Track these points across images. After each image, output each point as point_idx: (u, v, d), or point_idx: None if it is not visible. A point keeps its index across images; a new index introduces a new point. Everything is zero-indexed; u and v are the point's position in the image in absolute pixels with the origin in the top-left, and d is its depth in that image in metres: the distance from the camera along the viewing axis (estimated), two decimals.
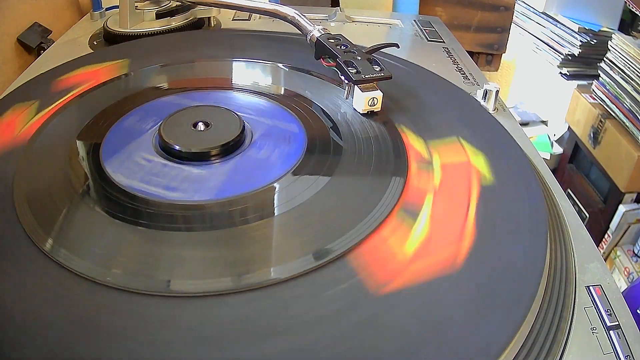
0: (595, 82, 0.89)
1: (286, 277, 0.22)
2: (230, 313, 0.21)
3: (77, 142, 0.31)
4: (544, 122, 1.07)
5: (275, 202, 0.27)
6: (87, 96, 0.36)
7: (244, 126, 0.31)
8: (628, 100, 0.80)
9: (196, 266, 0.23)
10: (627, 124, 0.80)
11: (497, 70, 0.77)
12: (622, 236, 0.84)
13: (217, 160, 0.30)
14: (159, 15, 0.50)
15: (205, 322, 0.21)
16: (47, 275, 0.22)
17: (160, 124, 0.31)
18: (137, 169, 0.29)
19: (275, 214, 0.26)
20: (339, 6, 0.65)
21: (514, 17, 0.74)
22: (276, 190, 0.28)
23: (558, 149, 1.01)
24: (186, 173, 0.29)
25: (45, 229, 0.25)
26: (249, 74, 0.40)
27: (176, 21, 0.50)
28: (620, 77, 0.82)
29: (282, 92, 0.38)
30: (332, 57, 0.36)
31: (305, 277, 0.22)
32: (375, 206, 0.26)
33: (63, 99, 0.35)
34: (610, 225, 0.84)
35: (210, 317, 0.21)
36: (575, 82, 0.93)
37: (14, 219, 0.25)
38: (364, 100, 0.34)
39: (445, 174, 0.29)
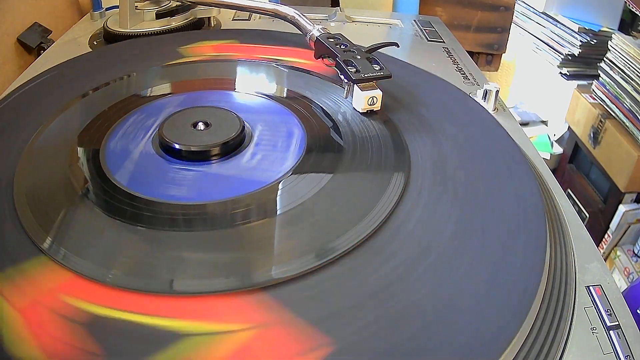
0: (595, 82, 0.89)
1: (288, 276, 0.22)
2: (231, 313, 0.21)
3: (78, 142, 0.31)
4: (544, 122, 1.07)
5: (276, 202, 0.27)
6: (87, 97, 0.36)
7: (243, 126, 0.31)
8: (628, 100, 0.80)
9: (197, 266, 0.23)
10: (627, 124, 0.80)
11: (497, 70, 0.77)
12: (622, 236, 0.84)
13: (217, 160, 0.30)
14: (159, 15, 0.50)
15: (208, 322, 0.21)
16: (48, 276, 0.22)
17: (161, 124, 0.31)
18: (138, 169, 0.29)
19: (276, 214, 0.26)
20: (339, 6, 0.65)
21: (514, 17, 0.74)
22: (276, 190, 0.28)
23: (558, 149, 1.01)
24: (186, 173, 0.29)
25: (46, 229, 0.25)
26: (249, 74, 0.40)
27: (176, 21, 0.50)
28: (620, 77, 0.82)
29: (282, 92, 0.38)
30: (331, 57, 0.36)
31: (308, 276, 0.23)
32: (376, 205, 0.26)
33: None
34: (610, 225, 0.84)
35: (211, 317, 0.21)
36: (575, 82, 0.94)
37: (15, 219, 0.25)
38: (363, 99, 0.34)
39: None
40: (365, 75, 0.34)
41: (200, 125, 0.31)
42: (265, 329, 0.20)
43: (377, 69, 0.34)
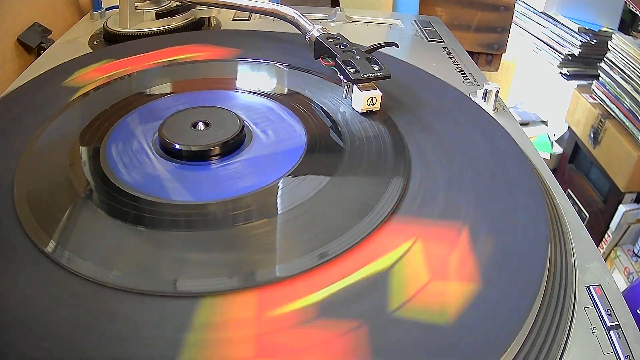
0: (595, 82, 0.89)
1: (287, 276, 0.22)
2: (231, 312, 0.21)
3: (78, 142, 0.31)
4: (544, 122, 1.07)
5: (276, 202, 0.27)
6: (87, 97, 0.36)
7: (243, 126, 0.31)
8: (628, 100, 0.80)
9: (197, 266, 0.23)
10: (627, 124, 0.80)
11: (497, 70, 0.77)
12: (622, 236, 0.84)
13: (217, 160, 0.30)
14: (159, 15, 0.50)
15: (207, 322, 0.21)
16: (48, 277, 0.22)
17: (161, 124, 0.31)
18: (138, 169, 0.29)
19: (276, 214, 0.26)
20: (339, 6, 0.65)
21: (514, 17, 0.74)
22: (276, 190, 0.28)
23: (558, 149, 1.01)
24: (186, 173, 0.29)
25: (46, 231, 0.25)
26: (249, 74, 0.40)
27: (176, 21, 0.50)
28: (620, 77, 0.82)
29: (282, 92, 0.38)
30: (331, 57, 0.36)
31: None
32: (376, 205, 0.26)
33: None
34: (610, 225, 0.84)
35: (212, 317, 0.21)
36: (575, 82, 0.94)
37: (15, 221, 0.25)
38: (362, 99, 0.34)
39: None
40: (365, 76, 0.34)
41: (200, 125, 0.31)
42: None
43: (376, 69, 0.34)
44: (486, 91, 0.39)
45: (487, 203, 0.27)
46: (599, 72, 0.87)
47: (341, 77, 0.35)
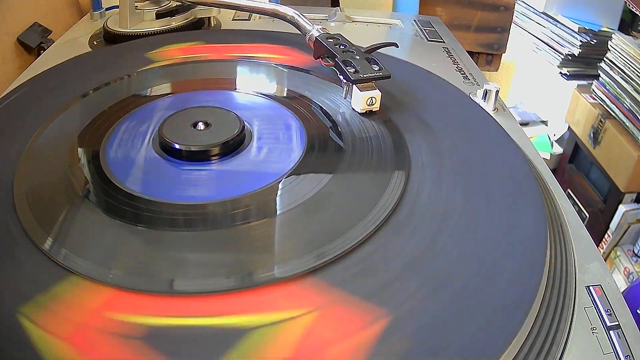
0: (595, 82, 0.89)
1: (289, 275, 0.22)
2: (230, 313, 0.21)
3: (78, 142, 0.31)
4: (544, 122, 1.07)
5: (276, 201, 0.27)
6: (87, 97, 0.36)
7: (243, 126, 0.31)
8: (628, 100, 0.80)
9: (197, 266, 0.23)
10: (627, 124, 0.80)
11: (497, 70, 0.77)
12: (622, 236, 0.84)
13: (217, 160, 0.30)
14: (159, 15, 0.50)
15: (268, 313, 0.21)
16: (47, 276, 0.22)
17: (160, 124, 0.31)
18: (138, 169, 0.29)
19: (276, 214, 0.26)
20: (339, 6, 0.65)
21: (514, 17, 0.74)
22: (276, 190, 0.28)
23: (558, 149, 1.01)
24: (186, 173, 0.29)
25: (46, 229, 0.25)
26: (249, 74, 0.40)
27: (176, 21, 0.50)
28: (620, 77, 0.82)
29: (282, 92, 0.38)
30: (330, 57, 0.36)
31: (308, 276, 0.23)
32: (377, 204, 0.26)
33: None
34: (610, 225, 0.84)
35: (269, 307, 0.21)
36: (575, 82, 0.94)
37: (14, 219, 0.25)
38: (362, 99, 0.34)
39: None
40: (364, 76, 0.34)
41: (200, 125, 0.31)
42: (324, 310, 0.21)
43: (376, 69, 0.34)
44: (486, 91, 0.39)
45: (487, 203, 0.27)
46: (599, 72, 0.87)
47: (341, 77, 0.35)
